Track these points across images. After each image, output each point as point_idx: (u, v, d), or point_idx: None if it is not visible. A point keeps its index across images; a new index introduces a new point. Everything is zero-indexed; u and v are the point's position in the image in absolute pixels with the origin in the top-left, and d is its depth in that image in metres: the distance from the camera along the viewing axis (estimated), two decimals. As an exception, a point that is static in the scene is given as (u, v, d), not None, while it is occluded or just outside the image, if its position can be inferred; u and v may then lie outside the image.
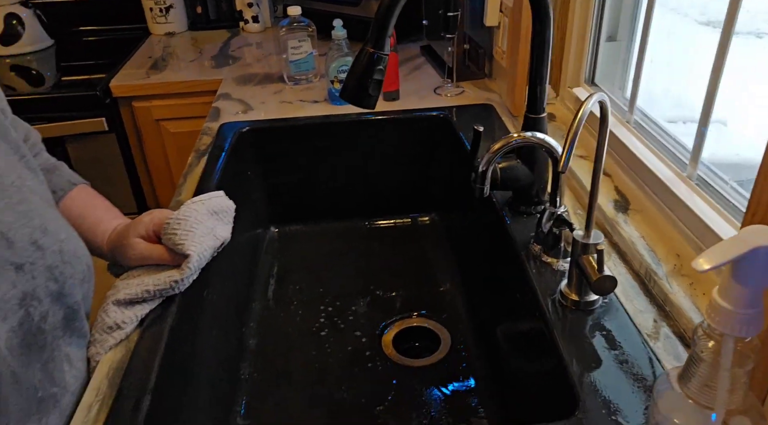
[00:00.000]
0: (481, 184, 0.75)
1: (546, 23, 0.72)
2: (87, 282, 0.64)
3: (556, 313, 0.66)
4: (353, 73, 0.71)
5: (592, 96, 0.55)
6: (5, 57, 1.75)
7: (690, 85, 0.77)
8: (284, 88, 1.34)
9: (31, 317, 0.55)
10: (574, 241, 0.64)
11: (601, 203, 0.81)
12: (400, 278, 1.07)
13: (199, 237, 0.72)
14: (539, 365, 0.70)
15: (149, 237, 0.73)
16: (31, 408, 0.54)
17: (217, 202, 0.79)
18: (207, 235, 0.74)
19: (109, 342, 0.66)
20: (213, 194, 0.80)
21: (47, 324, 0.58)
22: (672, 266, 0.69)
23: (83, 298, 0.64)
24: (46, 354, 0.58)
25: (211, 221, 0.76)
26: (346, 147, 1.18)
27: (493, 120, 1.13)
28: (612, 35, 1.01)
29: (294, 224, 1.22)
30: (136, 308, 0.69)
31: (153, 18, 1.85)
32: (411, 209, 1.24)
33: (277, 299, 1.05)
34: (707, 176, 0.73)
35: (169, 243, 0.71)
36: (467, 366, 0.89)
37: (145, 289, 0.69)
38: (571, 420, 0.53)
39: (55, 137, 1.49)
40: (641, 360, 0.59)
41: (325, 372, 0.90)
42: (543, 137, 0.73)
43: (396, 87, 1.22)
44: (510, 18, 1.08)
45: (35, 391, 0.55)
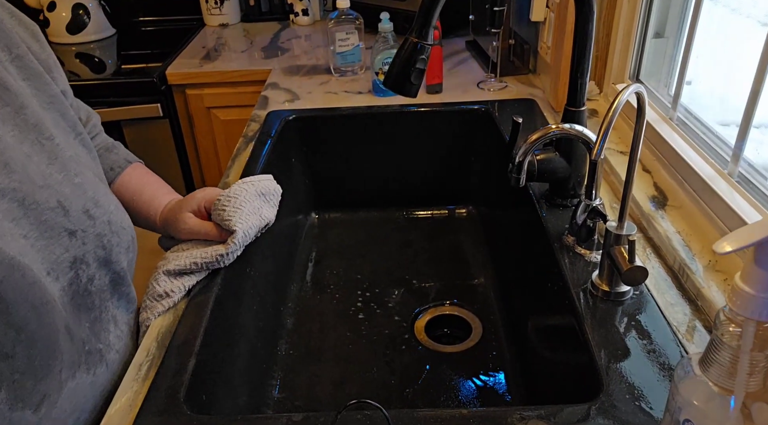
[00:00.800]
0: (518, 174, 0.76)
1: (589, 16, 0.73)
2: (132, 252, 0.69)
3: (586, 303, 0.67)
4: (397, 61, 0.73)
5: (628, 87, 0.56)
6: (71, 45, 1.85)
7: (738, 85, 0.76)
8: (330, 80, 1.38)
9: (79, 279, 0.60)
10: (607, 232, 0.65)
11: (639, 199, 0.81)
12: (434, 268, 1.09)
13: (245, 215, 0.76)
14: (567, 353, 0.71)
15: (200, 213, 0.78)
16: (80, 358, 0.59)
17: (265, 184, 0.83)
18: (253, 214, 0.77)
19: (158, 308, 0.71)
20: (262, 177, 0.84)
21: (94, 286, 0.63)
22: (707, 262, 0.69)
23: (128, 266, 0.69)
24: (93, 313, 0.63)
25: (259, 201, 0.80)
26: (388, 138, 1.20)
27: (535, 114, 1.13)
28: (659, 32, 1.00)
29: (334, 211, 1.26)
30: (184, 278, 0.73)
31: (208, 10, 1.92)
32: (448, 201, 1.25)
33: (315, 282, 1.08)
34: (749, 173, 0.73)
35: (218, 219, 0.75)
36: (497, 354, 0.91)
37: (192, 261, 0.73)
38: (594, 402, 0.54)
39: (112, 121, 1.57)
40: (669, 350, 0.60)
41: (358, 353, 0.93)
42: (581, 129, 0.73)
43: (439, 80, 1.24)
44: (556, 13, 1.08)
45: (83, 345, 0.60)
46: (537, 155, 0.81)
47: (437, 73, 1.23)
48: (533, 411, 0.54)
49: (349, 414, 0.54)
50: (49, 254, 0.57)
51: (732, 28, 0.87)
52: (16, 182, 0.55)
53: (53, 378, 0.54)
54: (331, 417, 0.54)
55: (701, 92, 0.91)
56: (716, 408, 0.42)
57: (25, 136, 0.59)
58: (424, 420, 0.54)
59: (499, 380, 0.87)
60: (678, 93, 0.89)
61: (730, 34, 0.87)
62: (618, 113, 0.56)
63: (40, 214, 0.56)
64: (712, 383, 0.42)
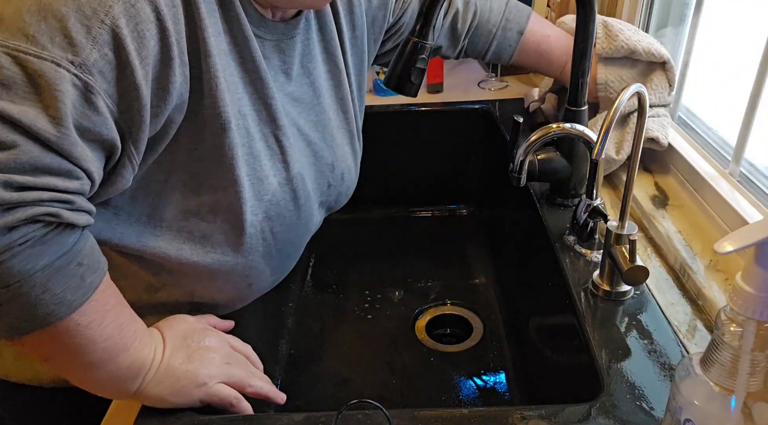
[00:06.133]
0: (519, 173, 0.76)
1: (590, 16, 0.73)
2: (333, 211, 0.81)
3: (587, 303, 0.67)
4: (397, 61, 0.73)
5: (629, 86, 0.56)
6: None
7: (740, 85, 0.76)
8: (331, 79, 1.37)
9: (317, 220, 0.75)
10: (608, 231, 0.65)
11: (640, 199, 0.81)
12: (435, 268, 1.09)
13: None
14: (568, 353, 0.71)
15: None
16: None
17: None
18: None
19: None
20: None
21: (318, 225, 0.77)
22: (708, 261, 0.69)
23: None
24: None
25: None
26: (389, 137, 1.20)
27: (535, 114, 1.13)
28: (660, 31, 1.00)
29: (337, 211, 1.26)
30: None
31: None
32: (449, 201, 1.25)
33: (315, 282, 1.08)
34: (750, 173, 0.73)
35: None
36: (497, 354, 0.91)
37: None
38: (595, 402, 0.54)
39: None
40: (670, 350, 0.60)
41: (359, 353, 0.93)
42: (582, 129, 0.73)
43: (440, 80, 1.24)
44: (557, 13, 1.08)
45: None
46: (538, 155, 0.81)
47: (438, 73, 1.23)
48: (534, 410, 0.54)
49: (350, 413, 0.54)
50: (314, 194, 0.71)
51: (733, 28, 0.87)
52: (319, 138, 0.71)
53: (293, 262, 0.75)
54: (332, 417, 0.54)
55: (703, 92, 0.91)
56: (717, 407, 0.42)
57: (333, 104, 0.73)
58: (425, 419, 0.54)
59: (500, 379, 0.87)
60: (679, 92, 0.89)
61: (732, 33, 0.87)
62: (619, 113, 0.56)
63: (320, 165, 0.72)
64: (713, 383, 0.42)
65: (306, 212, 0.69)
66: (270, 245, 0.66)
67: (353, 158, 0.78)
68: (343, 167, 0.76)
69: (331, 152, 0.73)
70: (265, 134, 0.63)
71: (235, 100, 0.59)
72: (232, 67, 0.58)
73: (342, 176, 0.76)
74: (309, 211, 0.70)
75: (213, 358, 0.61)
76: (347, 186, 0.78)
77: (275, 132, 0.64)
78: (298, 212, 0.68)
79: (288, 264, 0.75)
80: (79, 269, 0.49)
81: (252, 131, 0.61)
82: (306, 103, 0.69)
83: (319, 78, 0.71)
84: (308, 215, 0.70)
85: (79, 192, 0.49)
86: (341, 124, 0.75)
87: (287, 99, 0.67)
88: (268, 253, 0.66)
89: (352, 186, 0.80)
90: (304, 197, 0.68)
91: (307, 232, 0.73)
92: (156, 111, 0.52)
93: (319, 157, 0.71)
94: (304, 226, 0.71)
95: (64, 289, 0.48)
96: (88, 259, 0.50)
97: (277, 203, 0.64)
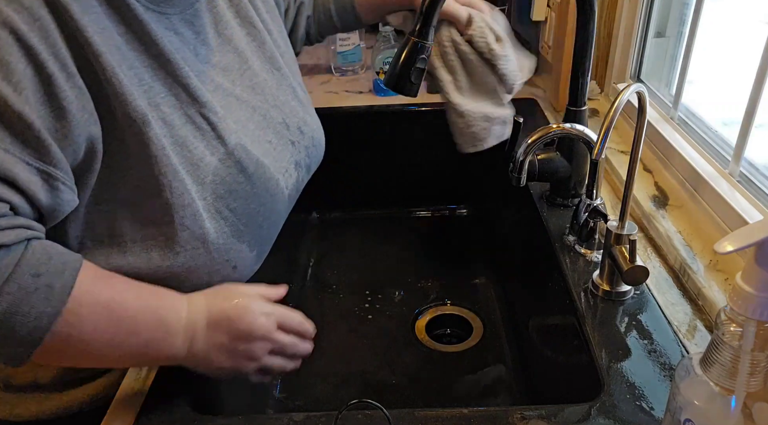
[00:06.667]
0: (519, 173, 0.76)
1: (590, 16, 0.73)
2: (317, 165, 0.81)
3: (587, 303, 0.67)
4: (397, 61, 0.73)
5: (629, 86, 0.56)
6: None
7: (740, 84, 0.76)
8: (331, 79, 1.38)
9: (299, 179, 0.74)
10: (608, 231, 0.65)
11: (640, 199, 0.81)
12: (435, 268, 1.09)
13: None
14: (568, 353, 0.71)
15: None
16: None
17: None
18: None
19: None
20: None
21: (301, 185, 0.77)
22: (708, 261, 0.69)
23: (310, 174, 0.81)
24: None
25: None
26: (389, 137, 1.20)
27: (536, 114, 1.13)
28: (660, 31, 1.00)
29: (335, 210, 1.26)
30: None
31: (209, 9, 1.91)
32: (449, 201, 1.25)
33: (316, 282, 1.08)
34: (750, 173, 0.73)
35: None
36: (497, 354, 0.91)
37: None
38: (595, 402, 0.54)
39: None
40: (670, 350, 0.60)
41: (359, 353, 0.93)
42: (582, 129, 0.73)
43: (440, 80, 1.24)
44: (557, 13, 1.08)
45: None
46: (538, 155, 0.81)
47: (438, 73, 1.23)
48: (534, 410, 0.54)
49: (350, 413, 0.54)
50: (281, 158, 0.70)
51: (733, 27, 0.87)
52: (261, 101, 0.70)
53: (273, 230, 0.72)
54: (332, 417, 0.54)
55: (702, 91, 0.91)
56: (717, 407, 0.42)
57: (264, 65, 0.72)
58: (425, 419, 0.55)
59: (499, 379, 0.87)
60: (679, 92, 0.89)
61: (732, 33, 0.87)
62: (619, 113, 0.56)
63: (274, 127, 0.70)
64: (713, 383, 0.42)
65: (260, 179, 0.66)
66: (234, 222, 0.63)
67: (303, 110, 0.77)
68: (297, 122, 0.74)
69: (279, 111, 0.72)
70: (190, 115, 0.60)
71: (144, 93, 0.55)
72: (131, 58, 0.55)
73: (300, 130, 0.74)
74: (264, 177, 0.66)
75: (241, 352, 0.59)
76: (311, 138, 0.77)
77: (201, 111, 0.60)
78: (250, 181, 0.64)
79: (264, 234, 0.69)
80: (39, 280, 0.47)
81: (172, 118, 0.58)
82: (235, 70, 0.68)
83: (240, 43, 0.69)
84: (265, 182, 0.66)
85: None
86: (279, 82, 0.74)
87: (216, 71, 0.65)
88: (236, 231, 0.64)
89: (318, 136, 0.79)
90: (254, 166, 0.65)
91: (273, 198, 0.68)
92: (64, 132, 0.49)
93: (269, 119, 0.70)
94: (266, 193, 0.67)
95: (33, 305, 0.47)
96: (45, 266, 0.48)
97: (223, 181, 0.62)
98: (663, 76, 1.00)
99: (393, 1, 0.92)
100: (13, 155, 0.48)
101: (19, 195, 0.49)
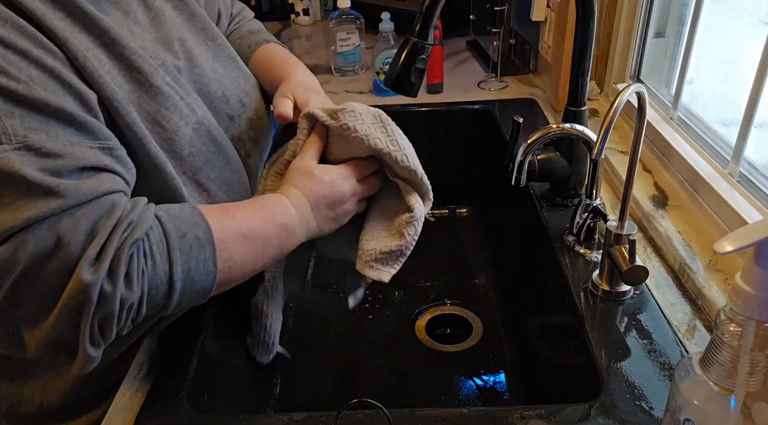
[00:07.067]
0: (518, 173, 0.76)
1: (589, 16, 0.73)
2: (268, 135, 0.80)
3: (587, 302, 0.67)
4: (397, 61, 0.74)
5: (629, 86, 0.56)
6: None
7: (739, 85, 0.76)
8: (331, 79, 1.38)
9: (239, 153, 0.72)
10: (607, 231, 0.65)
11: (640, 199, 0.81)
12: (435, 268, 1.09)
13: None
14: (568, 353, 0.71)
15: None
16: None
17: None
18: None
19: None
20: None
21: (251, 159, 0.75)
22: (708, 261, 0.69)
23: (266, 146, 0.80)
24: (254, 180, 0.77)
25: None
26: (389, 137, 1.20)
27: (536, 114, 1.13)
28: (660, 31, 1.00)
29: (335, 210, 1.26)
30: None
31: (208, 9, 1.92)
32: (449, 201, 1.25)
33: (316, 282, 1.08)
34: (749, 173, 0.73)
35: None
36: (497, 354, 0.91)
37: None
38: (594, 402, 0.54)
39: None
40: (670, 350, 0.60)
41: (359, 352, 0.93)
42: (582, 129, 0.73)
43: (440, 80, 1.24)
44: (557, 13, 1.08)
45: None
46: (537, 155, 0.81)
47: (438, 73, 1.23)
48: (533, 410, 0.54)
49: (350, 413, 0.54)
50: (230, 131, 0.70)
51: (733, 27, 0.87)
52: (198, 75, 0.68)
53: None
54: (332, 417, 0.54)
55: (702, 92, 0.91)
56: (717, 407, 0.42)
57: (197, 38, 0.71)
58: (425, 419, 0.55)
59: (500, 379, 0.87)
60: (679, 93, 0.89)
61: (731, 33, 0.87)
62: (618, 113, 0.56)
63: (212, 101, 0.69)
64: (712, 382, 0.42)
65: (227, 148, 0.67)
66: (216, 192, 0.65)
67: (246, 80, 0.76)
68: (239, 94, 0.73)
69: (219, 84, 0.70)
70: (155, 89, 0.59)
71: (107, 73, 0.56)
72: (87, 42, 0.55)
73: (241, 103, 0.73)
74: (227, 146, 0.68)
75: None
76: (254, 109, 0.75)
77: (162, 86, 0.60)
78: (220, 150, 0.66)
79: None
80: (188, 238, 0.53)
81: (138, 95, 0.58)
82: (173, 45, 0.66)
83: (172, 18, 0.68)
84: (228, 150, 0.68)
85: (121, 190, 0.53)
86: (216, 53, 0.72)
87: (156, 47, 0.64)
88: (219, 201, 0.65)
89: (261, 107, 0.77)
90: (219, 135, 0.66)
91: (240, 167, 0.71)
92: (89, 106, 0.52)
93: (210, 94, 0.69)
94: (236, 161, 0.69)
95: (196, 257, 0.53)
96: (183, 224, 0.53)
97: (199, 151, 0.63)
98: (662, 76, 1.00)
99: (268, 85, 0.83)
100: (82, 147, 0.50)
101: (116, 176, 0.53)
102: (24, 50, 0.49)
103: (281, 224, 0.61)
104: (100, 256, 0.48)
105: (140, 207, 0.52)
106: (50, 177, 0.47)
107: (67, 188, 0.47)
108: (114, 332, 0.50)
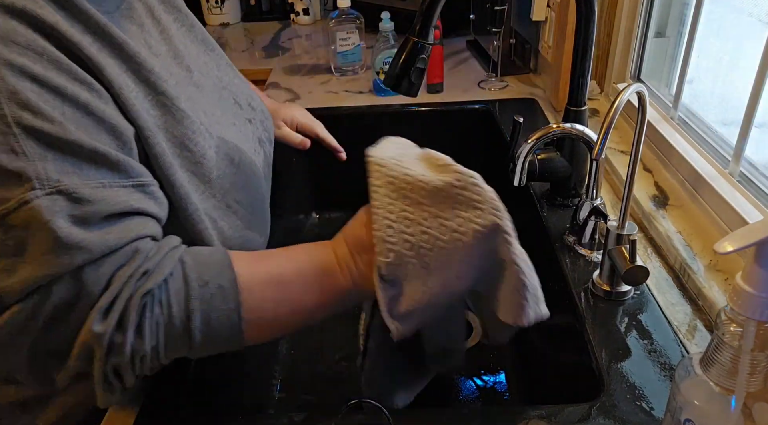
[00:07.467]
0: (519, 173, 0.76)
1: (590, 16, 0.73)
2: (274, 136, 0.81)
3: (587, 303, 0.67)
4: (397, 61, 0.74)
5: (629, 86, 0.56)
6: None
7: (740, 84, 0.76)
8: (331, 79, 1.38)
9: (266, 154, 0.75)
10: (608, 231, 0.65)
11: (640, 199, 0.81)
12: (436, 267, 1.09)
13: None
14: (568, 353, 0.71)
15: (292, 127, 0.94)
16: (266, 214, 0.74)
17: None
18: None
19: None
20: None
21: (270, 160, 0.77)
22: (708, 261, 0.69)
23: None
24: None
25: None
26: (389, 137, 1.20)
27: (536, 114, 1.13)
28: (660, 31, 1.00)
29: (334, 210, 1.26)
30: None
31: (209, 9, 1.91)
32: (450, 201, 1.25)
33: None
34: (750, 173, 0.73)
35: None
36: (497, 354, 0.91)
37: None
38: (595, 402, 0.54)
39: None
40: (671, 350, 0.60)
41: (357, 352, 0.93)
42: (582, 129, 0.73)
43: (440, 80, 1.24)
44: (557, 13, 1.08)
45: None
46: (538, 155, 0.81)
47: (438, 73, 1.23)
48: (534, 410, 0.54)
49: (350, 413, 0.54)
50: (246, 138, 0.70)
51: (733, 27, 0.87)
52: (211, 85, 0.68)
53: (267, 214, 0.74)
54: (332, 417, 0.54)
55: (702, 91, 0.91)
56: (717, 407, 0.42)
57: (199, 48, 0.71)
58: (425, 419, 0.55)
59: (500, 379, 0.87)
60: (679, 92, 0.89)
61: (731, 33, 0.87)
62: (619, 113, 0.56)
63: (231, 108, 0.69)
64: (713, 383, 0.42)
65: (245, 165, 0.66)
66: (243, 214, 0.64)
67: (246, 86, 0.77)
68: (246, 98, 0.74)
69: (229, 91, 0.71)
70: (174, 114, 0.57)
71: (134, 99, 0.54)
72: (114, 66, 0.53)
73: (251, 106, 0.74)
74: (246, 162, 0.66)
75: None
76: (261, 111, 0.76)
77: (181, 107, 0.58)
78: (239, 170, 0.64)
79: (265, 218, 0.72)
80: (210, 287, 0.50)
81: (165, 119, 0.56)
82: (182, 57, 0.65)
83: (172, 28, 0.67)
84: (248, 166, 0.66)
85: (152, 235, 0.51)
86: (217, 62, 0.72)
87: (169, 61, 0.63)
88: (246, 221, 0.64)
89: (265, 108, 0.79)
90: (236, 153, 0.64)
91: (258, 181, 0.70)
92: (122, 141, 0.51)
93: (224, 102, 0.69)
94: (253, 177, 0.68)
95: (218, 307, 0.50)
96: (206, 272, 0.51)
97: (224, 174, 0.61)
98: (663, 76, 1.00)
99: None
100: (114, 188, 0.49)
101: (145, 218, 0.51)
102: (58, 87, 0.47)
103: (320, 269, 0.56)
104: (111, 306, 0.47)
105: (162, 253, 0.50)
106: (77, 229, 0.46)
107: (92, 242, 0.46)
108: (133, 376, 0.50)
